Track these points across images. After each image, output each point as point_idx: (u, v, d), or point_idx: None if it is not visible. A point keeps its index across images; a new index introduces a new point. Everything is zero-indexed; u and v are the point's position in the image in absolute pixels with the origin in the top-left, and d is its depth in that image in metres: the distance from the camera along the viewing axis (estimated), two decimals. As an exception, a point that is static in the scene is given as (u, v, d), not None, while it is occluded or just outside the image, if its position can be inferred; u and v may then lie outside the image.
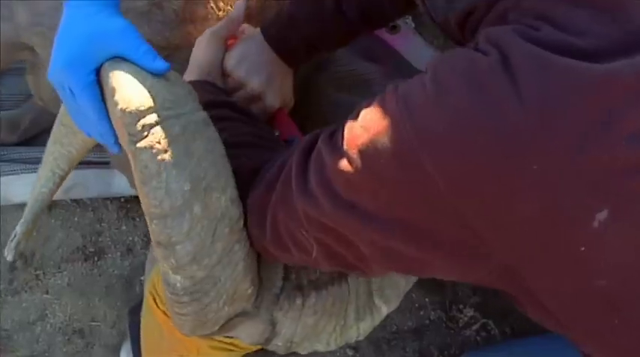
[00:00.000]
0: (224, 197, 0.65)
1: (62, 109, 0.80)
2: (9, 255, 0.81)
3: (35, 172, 1.25)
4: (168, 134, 0.61)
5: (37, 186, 0.84)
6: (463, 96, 0.47)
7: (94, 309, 1.19)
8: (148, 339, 0.96)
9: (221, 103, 0.78)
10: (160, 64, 0.63)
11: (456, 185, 0.48)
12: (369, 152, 0.52)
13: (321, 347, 0.81)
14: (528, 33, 0.49)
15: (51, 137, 0.83)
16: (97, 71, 0.63)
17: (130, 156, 0.62)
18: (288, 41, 0.90)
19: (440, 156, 0.48)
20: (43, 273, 1.22)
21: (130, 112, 0.60)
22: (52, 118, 1.18)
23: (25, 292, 1.20)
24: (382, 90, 1.30)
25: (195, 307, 0.69)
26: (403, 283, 0.82)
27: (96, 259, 1.22)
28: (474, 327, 1.18)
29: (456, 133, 0.47)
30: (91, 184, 1.19)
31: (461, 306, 1.19)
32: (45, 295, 1.20)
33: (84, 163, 1.17)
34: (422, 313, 1.19)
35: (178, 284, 0.67)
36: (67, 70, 0.63)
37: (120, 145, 0.66)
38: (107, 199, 1.23)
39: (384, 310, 0.82)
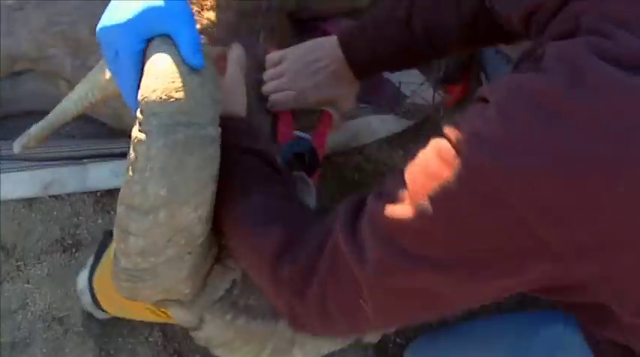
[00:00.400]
0: (194, 214, 0.66)
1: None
2: (16, 148, 0.84)
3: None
4: (169, 139, 0.61)
5: (65, 100, 0.83)
6: (539, 128, 0.47)
7: (72, 298, 1.26)
8: (106, 269, 1.00)
9: (256, 152, 0.76)
10: (198, 59, 0.63)
11: (543, 214, 0.48)
12: (441, 197, 0.50)
13: None
14: (603, 46, 0.48)
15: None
16: (148, 42, 0.64)
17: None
18: (356, 44, 0.91)
19: (525, 189, 0.47)
20: (24, 264, 1.28)
21: (147, 103, 0.62)
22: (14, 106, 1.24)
23: (7, 282, 1.27)
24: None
25: (130, 285, 0.72)
26: (327, 347, 0.84)
27: (74, 250, 1.28)
28: (428, 310, 1.25)
29: (538, 165, 0.47)
30: (67, 180, 1.27)
31: (415, 291, 1.26)
32: (26, 285, 1.26)
33: (59, 160, 1.26)
34: (379, 298, 1.26)
35: (122, 262, 0.69)
36: (121, 32, 0.63)
37: None
38: (84, 193, 1.30)
39: None
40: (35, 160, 1.31)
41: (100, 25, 0.65)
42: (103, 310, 1.10)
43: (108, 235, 1.05)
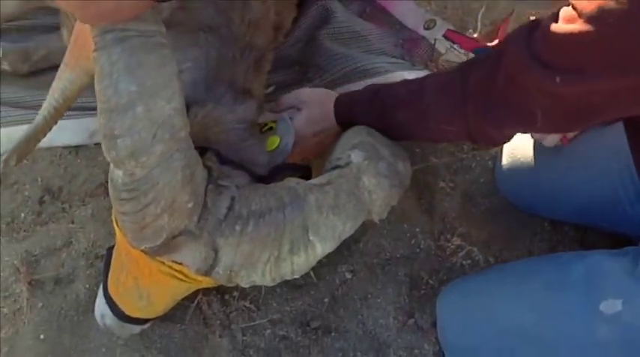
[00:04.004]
0: (168, 106, 0.74)
1: (68, 50, 0.93)
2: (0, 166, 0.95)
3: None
4: (125, 44, 0.72)
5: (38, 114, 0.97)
6: None
7: (114, 237, 1.30)
8: (115, 262, 1.07)
9: (383, 91, 1.03)
10: None
11: None
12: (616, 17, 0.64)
13: (257, 278, 0.87)
14: None
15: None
16: None
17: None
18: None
19: None
20: (70, 206, 1.33)
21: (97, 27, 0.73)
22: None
23: (53, 222, 1.32)
24: (378, 45, 1.44)
25: (133, 206, 0.77)
26: (340, 226, 0.87)
27: (117, 193, 1.33)
28: (460, 254, 1.27)
29: None
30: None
31: (448, 236, 1.28)
32: (70, 225, 1.32)
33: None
34: (413, 242, 1.28)
35: (119, 180, 0.76)
36: None
37: None
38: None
39: (319, 249, 0.87)
40: (81, 109, 1.37)
41: None
42: (130, 320, 1.08)
43: (110, 249, 1.10)
